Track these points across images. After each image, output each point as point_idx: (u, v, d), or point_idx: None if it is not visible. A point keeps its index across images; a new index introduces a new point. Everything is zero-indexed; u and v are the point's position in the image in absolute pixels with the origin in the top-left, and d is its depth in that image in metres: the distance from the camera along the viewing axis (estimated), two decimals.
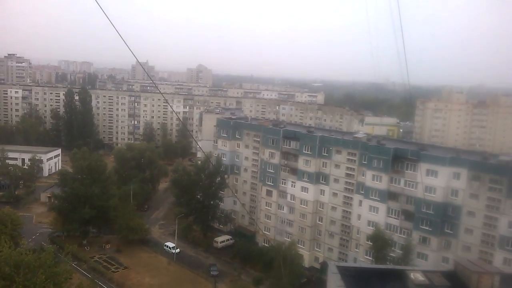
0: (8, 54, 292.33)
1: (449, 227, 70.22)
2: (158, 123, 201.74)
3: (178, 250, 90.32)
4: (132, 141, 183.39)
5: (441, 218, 70.13)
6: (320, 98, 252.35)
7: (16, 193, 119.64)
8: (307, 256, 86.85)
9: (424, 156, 71.79)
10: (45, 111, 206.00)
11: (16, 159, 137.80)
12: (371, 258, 74.52)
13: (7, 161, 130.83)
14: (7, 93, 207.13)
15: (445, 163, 69.43)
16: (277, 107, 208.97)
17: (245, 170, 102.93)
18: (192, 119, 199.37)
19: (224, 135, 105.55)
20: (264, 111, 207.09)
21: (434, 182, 70.15)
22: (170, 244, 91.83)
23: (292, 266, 70.45)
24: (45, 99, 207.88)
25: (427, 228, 71.30)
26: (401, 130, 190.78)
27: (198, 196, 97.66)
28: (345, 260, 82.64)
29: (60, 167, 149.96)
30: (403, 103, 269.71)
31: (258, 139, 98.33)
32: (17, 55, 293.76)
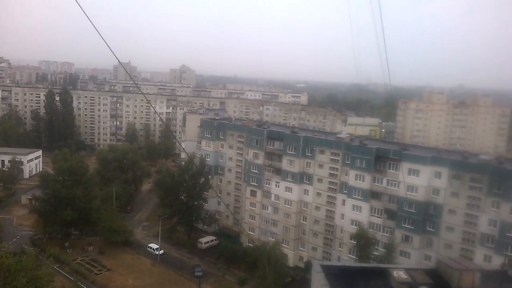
0: None
1: (431, 225, 71.33)
2: (141, 123, 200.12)
3: (162, 252, 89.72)
4: (115, 142, 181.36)
5: (423, 217, 71.21)
6: (303, 98, 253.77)
7: None
8: (291, 256, 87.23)
9: (406, 155, 72.79)
10: (25, 112, 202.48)
11: None
12: (354, 257, 75.12)
13: None
14: None
15: (426, 162, 70.51)
16: (261, 107, 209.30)
17: (229, 170, 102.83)
18: (176, 120, 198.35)
19: (208, 135, 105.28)
20: (248, 112, 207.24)
21: (416, 181, 71.18)
22: (154, 246, 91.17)
23: (277, 265, 70.56)
24: (25, 100, 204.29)
25: (409, 227, 72.30)
26: (383, 130, 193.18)
27: (182, 197, 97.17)
28: (329, 259, 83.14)
29: (41, 169, 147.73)
30: (385, 103, 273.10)
31: (242, 140, 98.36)
32: None
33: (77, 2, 19.95)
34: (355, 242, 73.65)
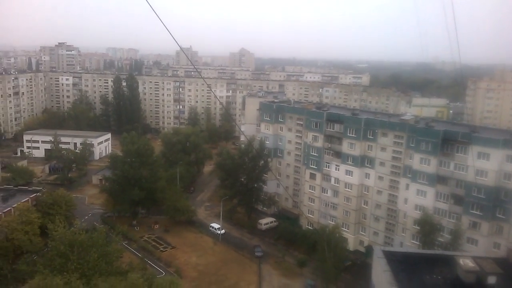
0: (59, 43, 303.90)
1: (501, 211, 67.41)
2: (202, 107, 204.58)
3: (223, 231, 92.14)
4: (178, 126, 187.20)
5: (493, 203, 67.40)
6: (365, 79, 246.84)
7: (69, 175, 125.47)
8: (351, 240, 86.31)
9: (476, 138, 68.89)
10: (95, 97, 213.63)
11: (68, 143, 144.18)
12: (418, 243, 72.99)
13: (60, 145, 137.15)
14: (58, 81, 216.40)
15: (498, 145, 66.38)
16: (320, 89, 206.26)
17: (288, 153, 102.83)
18: (235, 103, 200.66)
19: (267, 118, 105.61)
20: (307, 94, 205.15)
21: (486, 165, 67.33)
22: (216, 225, 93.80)
23: (336, 249, 70.18)
24: (94, 86, 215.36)
25: (477, 213, 68.82)
26: (451, 111, 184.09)
27: (242, 179, 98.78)
28: (391, 245, 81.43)
29: (110, 151, 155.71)
30: (453, 83, 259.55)
31: (301, 123, 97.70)
32: (67, 44, 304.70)
33: None
34: (419, 228, 71.50)
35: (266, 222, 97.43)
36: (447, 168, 71.97)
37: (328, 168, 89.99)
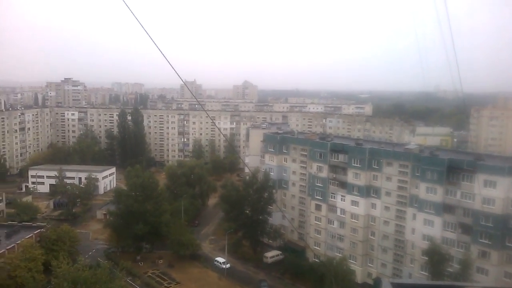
0: (65, 79, 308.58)
1: (511, 240, 66.27)
2: (207, 139, 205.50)
3: (228, 265, 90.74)
4: (182, 158, 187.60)
5: (502, 231, 66.37)
6: (367, 109, 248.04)
7: (73, 210, 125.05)
8: (359, 272, 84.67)
9: (481, 166, 68.55)
10: (100, 131, 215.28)
11: (73, 178, 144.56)
12: (427, 274, 71.54)
13: (65, 180, 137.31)
14: (64, 116, 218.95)
15: (504, 173, 65.95)
16: (324, 120, 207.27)
17: (293, 184, 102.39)
18: (239, 135, 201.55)
19: (271, 149, 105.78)
20: (311, 125, 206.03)
21: (493, 193, 66.69)
22: (221, 259, 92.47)
23: (344, 282, 68.94)
24: (99, 120, 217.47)
25: (486, 242, 67.67)
26: (455, 139, 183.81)
27: (247, 211, 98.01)
28: (400, 276, 79.79)
29: (114, 185, 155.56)
30: (455, 111, 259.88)
31: (305, 153, 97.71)
32: (73, 79, 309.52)
33: (144, 29, 21.06)
34: (427, 258, 70.27)
35: (271, 255, 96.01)
36: (454, 197, 71.32)
37: (334, 198, 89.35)
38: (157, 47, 21.95)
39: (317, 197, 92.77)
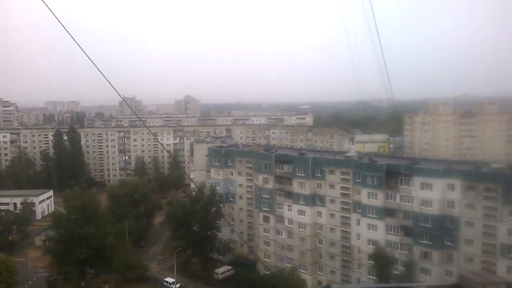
0: None
1: (449, 239, 69.98)
2: (149, 156, 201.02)
3: (178, 285, 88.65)
4: (124, 177, 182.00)
5: (440, 231, 69.95)
6: (308, 120, 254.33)
7: (9, 238, 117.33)
8: (309, 281, 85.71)
9: (417, 169, 72.11)
10: (35, 153, 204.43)
11: (8, 204, 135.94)
12: (374, 278, 73.80)
13: None
14: None
15: (438, 175, 69.76)
16: (267, 132, 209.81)
17: (240, 197, 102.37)
18: (183, 150, 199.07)
19: (216, 163, 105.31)
20: (255, 137, 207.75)
21: (430, 195, 70.27)
22: (170, 280, 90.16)
23: None
24: (33, 142, 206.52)
25: (427, 242, 70.98)
26: (391, 145, 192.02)
27: (195, 228, 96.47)
28: (349, 282, 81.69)
29: (53, 209, 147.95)
30: (390, 118, 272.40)
31: (251, 165, 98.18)
32: (3, 100, 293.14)
33: (77, 43, 20.32)
34: (373, 262, 72.49)
35: (222, 271, 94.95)
36: (394, 200, 74.38)
37: (281, 209, 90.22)
38: (93, 62, 21.27)
39: (265, 209, 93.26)
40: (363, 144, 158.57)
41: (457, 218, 68.81)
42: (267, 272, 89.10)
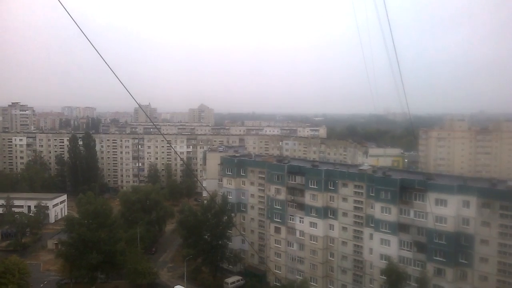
0: (12, 103, 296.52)
1: (464, 257, 68.76)
2: (163, 164, 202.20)
3: None
4: (137, 184, 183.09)
5: (455, 248, 68.82)
6: (322, 132, 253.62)
7: (22, 241, 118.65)
8: None
9: (432, 185, 71.28)
10: (50, 157, 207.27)
11: (22, 206, 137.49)
12: None
13: (13, 209, 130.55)
14: (11, 141, 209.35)
15: (453, 191, 68.82)
16: (280, 142, 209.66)
17: (252, 207, 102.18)
18: (196, 159, 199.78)
19: (228, 173, 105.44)
20: (268, 147, 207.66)
21: (444, 211, 69.31)
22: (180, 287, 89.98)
23: None
24: (49, 146, 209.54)
25: (441, 259, 69.84)
26: (406, 160, 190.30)
27: (206, 237, 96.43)
28: None
29: (66, 213, 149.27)
30: (405, 133, 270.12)
31: (263, 176, 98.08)
32: (21, 103, 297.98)
33: (96, 50, 20.63)
34: (385, 278, 71.55)
35: (232, 281, 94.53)
36: (408, 216, 73.49)
37: (293, 221, 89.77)
38: (111, 69, 21.48)
39: (276, 220, 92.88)
40: (377, 158, 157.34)
41: (472, 235, 67.65)
42: (277, 284, 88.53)
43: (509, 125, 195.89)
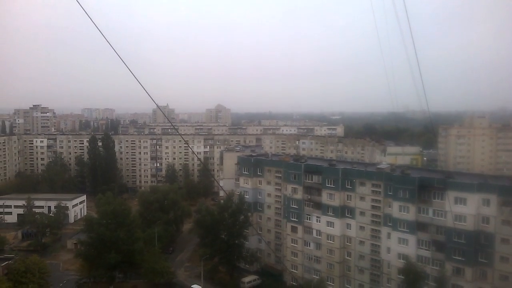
0: (33, 105, 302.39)
1: (483, 256, 67.48)
2: (180, 164, 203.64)
3: None
4: (155, 184, 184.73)
5: (474, 247, 67.58)
6: (339, 130, 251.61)
7: (43, 241, 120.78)
8: None
9: (451, 183, 70.09)
10: (70, 158, 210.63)
11: (42, 207, 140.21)
12: None
13: (33, 209, 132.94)
14: (32, 143, 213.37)
15: (473, 190, 67.56)
16: (297, 142, 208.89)
17: (269, 207, 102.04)
18: (213, 159, 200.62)
19: (245, 172, 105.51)
20: (284, 147, 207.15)
21: (464, 210, 68.11)
22: (197, 287, 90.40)
23: None
24: (69, 147, 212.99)
25: (460, 258, 68.67)
26: (425, 158, 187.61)
27: (223, 236, 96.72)
28: None
29: (85, 213, 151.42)
30: (424, 131, 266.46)
31: (280, 175, 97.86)
32: (42, 106, 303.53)
33: (116, 52, 20.85)
34: (403, 277, 70.68)
35: (249, 280, 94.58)
36: (426, 214, 72.45)
37: (309, 220, 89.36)
38: (130, 71, 21.70)
39: (293, 219, 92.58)
40: (395, 156, 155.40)
41: (492, 234, 66.35)
42: (294, 283, 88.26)
43: None
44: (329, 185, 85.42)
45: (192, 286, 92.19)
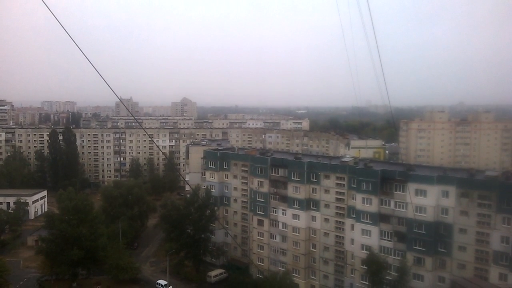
0: None
1: (442, 245, 70.06)
2: (145, 158, 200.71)
3: None
4: (119, 178, 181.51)
5: (434, 237, 70.02)
6: (305, 124, 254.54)
7: (1, 238, 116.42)
8: (302, 285, 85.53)
9: (412, 176, 72.20)
10: (29, 153, 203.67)
11: (1, 203, 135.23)
12: (367, 283, 73.73)
13: None
14: None
15: (432, 182, 69.87)
16: (263, 135, 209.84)
17: (235, 200, 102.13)
18: (179, 152, 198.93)
19: (211, 166, 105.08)
20: (251, 141, 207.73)
21: (424, 201, 70.36)
22: (162, 282, 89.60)
23: None
24: (28, 141, 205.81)
25: (420, 248, 71.01)
26: (387, 151, 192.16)
27: (189, 230, 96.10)
28: (342, 287, 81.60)
29: (46, 209, 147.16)
30: (386, 125, 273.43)
31: (246, 169, 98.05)
32: None
33: (76, 44, 20.27)
34: (366, 268, 72.44)
35: (215, 274, 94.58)
36: (388, 206, 74.38)
37: (275, 213, 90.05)
38: (91, 63, 21.18)
39: (259, 212, 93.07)
40: (359, 149, 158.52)
41: (451, 224, 68.94)
42: (260, 276, 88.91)
43: (487, 116, 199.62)
44: (294, 178, 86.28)
45: (157, 281, 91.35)
